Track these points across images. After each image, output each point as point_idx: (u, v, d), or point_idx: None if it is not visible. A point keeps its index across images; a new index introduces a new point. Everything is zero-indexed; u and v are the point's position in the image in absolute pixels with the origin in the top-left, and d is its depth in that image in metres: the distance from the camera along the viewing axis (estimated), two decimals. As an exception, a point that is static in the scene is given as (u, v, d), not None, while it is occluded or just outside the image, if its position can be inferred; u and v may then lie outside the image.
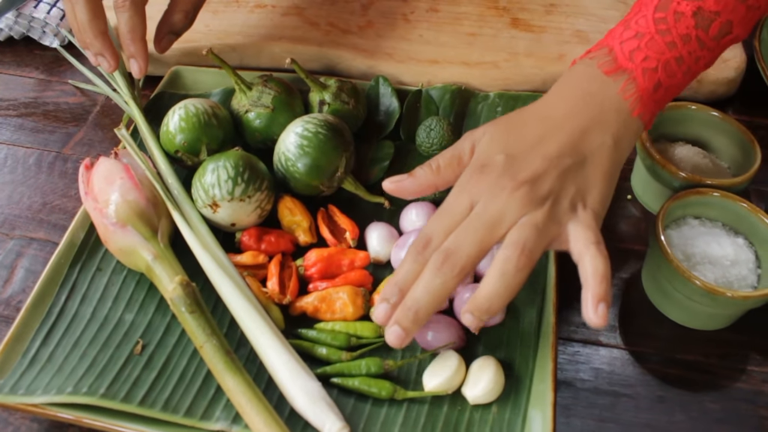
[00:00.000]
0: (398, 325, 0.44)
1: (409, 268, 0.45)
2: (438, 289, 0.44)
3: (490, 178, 0.45)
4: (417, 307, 0.44)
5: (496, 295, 0.43)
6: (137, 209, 0.52)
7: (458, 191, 0.47)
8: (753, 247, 0.55)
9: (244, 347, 0.50)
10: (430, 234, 0.45)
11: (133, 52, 0.59)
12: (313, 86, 0.61)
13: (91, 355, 0.49)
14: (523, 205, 0.44)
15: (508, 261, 0.43)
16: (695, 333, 0.54)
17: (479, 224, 0.44)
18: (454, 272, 0.43)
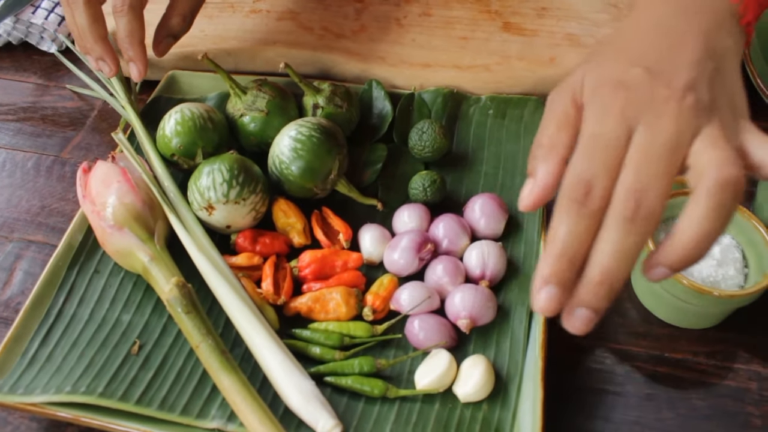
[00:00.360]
0: (587, 307, 0.35)
1: (574, 228, 0.35)
2: (633, 249, 0.35)
3: (641, 91, 0.37)
4: (611, 279, 0.34)
5: (709, 234, 0.34)
6: (134, 212, 0.53)
7: (602, 115, 0.37)
8: (740, 247, 0.56)
9: (239, 347, 0.50)
10: (588, 176, 0.35)
11: (132, 56, 0.60)
12: (307, 90, 0.61)
13: (89, 355, 0.50)
14: (698, 116, 0.36)
15: (726, 187, 0.34)
16: (684, 332, 0.55)
17: (661, 150, 0.35)
18: (651, 221, 0.35)
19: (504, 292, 0.54)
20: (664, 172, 0.36)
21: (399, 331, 0.51)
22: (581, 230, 0.35)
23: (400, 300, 0.51)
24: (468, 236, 0.56)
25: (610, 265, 0.35)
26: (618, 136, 0.36)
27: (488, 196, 0.57)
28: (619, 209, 0.35)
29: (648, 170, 0.35)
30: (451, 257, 0.54)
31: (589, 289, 0.35)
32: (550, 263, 0.35)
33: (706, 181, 0.35)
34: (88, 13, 0.57)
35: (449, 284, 0.52)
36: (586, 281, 0.35)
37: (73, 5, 0.57)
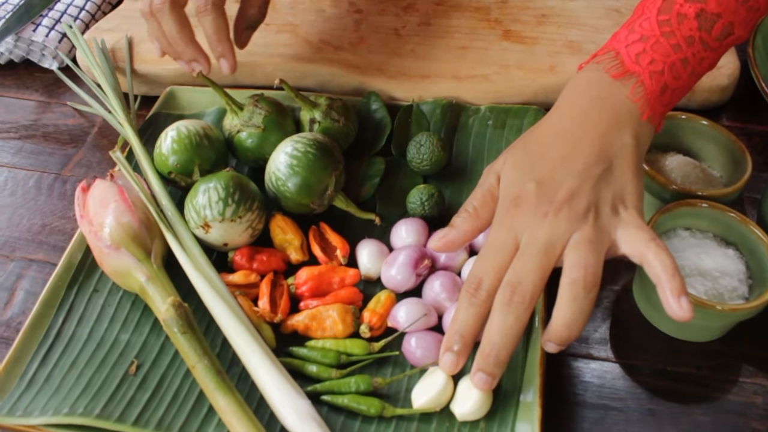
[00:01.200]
0: (482, 372, 0.45)
1: (466, 312, 0.46)
2: (513, 326, 0.44)
3: (527, 208, 0.46)
4: (497, 351, 0.44)
5: (573, 320, 0.44)
6: (130, 232, 0.53)
7: (497, 228, 0.47)
8: (744, 258, 0.55)
9: (237, 366, 0.50)
10: (480, 274, 0.46)
11: (221, 52, 0.62)
12: (303, 105, 0.61)
13: (87, 376, 0.50)
14: (569, 224, 0.45)
15: (576, 283, 0.43)
16: (686, 345, 0.54)
17: (534, 252, 0.45)
18: (524, 304, 0.44)
19: (502, 308, 0.53)
20: (535, 267, 0.44)
21: (396, 349, 0.51)
22: (471, 314, 0.46)
23: (397, 317, 0.51)
24: (466, 251, 0.55)
25: (495, 339, 0.44)
26: (508, 245, 0.46)
27: (486, 210, 0.56)
28: (499, 297, 0.45)
29: (523, 267, 0.45)
30: (449, 273, 0.54)
31: (480, 358, 0.45)
32: (449, 337, 0.46)
33: (564, 277, 0.44)
34: (175, 19, 0.59)
35: (447, 300, 0.52)
36: (479, 352, 0.45)
37: (159, 14, 0.59)
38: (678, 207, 0.55)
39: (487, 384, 0.45)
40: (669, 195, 0.57)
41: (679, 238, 0.56)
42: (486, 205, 0.49)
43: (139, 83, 0.72)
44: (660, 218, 0.54)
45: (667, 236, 0.56)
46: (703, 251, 0.54)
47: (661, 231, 0.56)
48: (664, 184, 0.57)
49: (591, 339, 0.55)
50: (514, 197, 0.47)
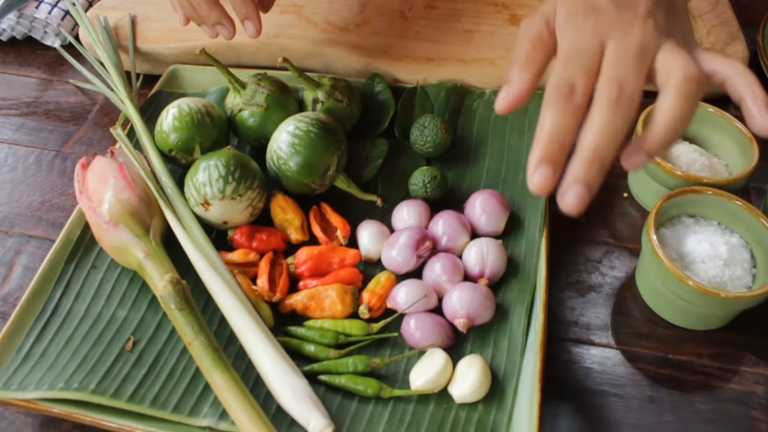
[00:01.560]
0: (581, 183, 0.38)
1: (560, 119, 0.40)
2: (620, 128, 0.39)
3: (610, 16, 0.43)
4: (603, 155, 0.39)
5: (682, 118, 0.40)
6: (129, 208, 0.53)
7: (578, 35, 0.43)
8: (748, 246, 0.54)
9: (234, 344, 0.50)
10: (571, 79, 0.41)
11: (245, 14, 0.61)
12: (307, 85, 0.61)
13: (83, 352, 0.49)
14: (658, 34, 0.43)
15: (690, 80, 0.40)
16: (689, 333, 0.54)
17: (631, 55, 0.41)
18: (633, 105, 0.40)
19: (503, 291, 0.53)
20: (637, 70, 0.41)
21: (395, 330, 0.51)
22: (567, 121, 0.40)
23: (397, 298, 0.51)
24: (468, 234, 0.55)
25: (600, 142, 0.39)
26: (593, 48, 0.42)
27: (489, 193, 0.56)
28: (605, 94, 0.40)
29: (624, 67, 0.41)
30: (450, 255, 0.53)
31: (582, 165, 0.39)
32: (541, 148, 0.40)
33: (674, 77, 0.40)
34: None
35: (447, 282, 0.51)
36: (580, 158, 0.39)
37: None
38: (682, 194, 0.54)
39: (583, 199, 0.39)
40: (674, 182, 0.56)
41: (683, 225, 0.55)
42: (538, 48, 0.44)
43: (141, 62, 0.72)
44: (664, 205, 0.54)
45: (671, 223, 0.55)
46: (706, 239, 0.53)
47: (665, 218, 0.55)
48: (670, 171, 0.56)
49: (592, 325, 0.54)
50: (589, 8, 0.43)
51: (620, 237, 0.60)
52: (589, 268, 0.58)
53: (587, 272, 0.57)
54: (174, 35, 0.71)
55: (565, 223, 0.60)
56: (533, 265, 0.53)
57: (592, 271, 0.58)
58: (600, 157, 0.39)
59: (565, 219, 0.60)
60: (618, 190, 0.63)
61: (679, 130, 0.41)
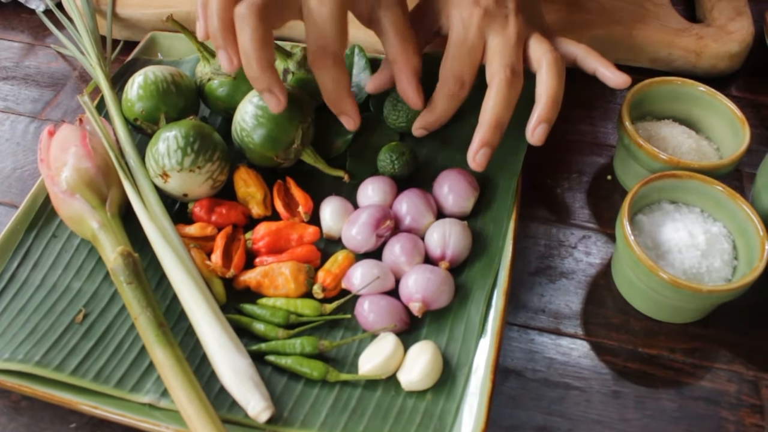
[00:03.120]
0: (489, 146, 0.51)
1: (448, 107, 0.53)
2: (514, 100, 0.51)
3: (490, 11, 0.52)
4: (501, 122, 0.51)
5: (561, 89, 0.51)
6: (86, 178, 0.52)
7: (466, 29, 0.52)
8: (731, 236, 0.51)
9: (185, 320, 0.49)
10: (460, 74, 0.52)
11: (343, 110, 0.52)
12: (277, 54, 0.59)
13: (34, 322, 0.49)
14: (525, 25, 0.53)
15: (558, 61, 0.52)
16: (662, 325, 0.51)
17: (512, 44, 0.52)
18: (520, 82, 0.51)
19: (465, 274, 0.50)
20: (518, 55, 0.52)
21: (350, 312, 0.49)
22: (454, 107, 0.54)
23: (352, 279, 0.49)
24: (433, 214, 0.52)
25: (500, 113, 0.51)
26: (478, 43, 0.52)
27: (458, 172, 0.53)
28: (501, 76, 0.51)
29: (509, 54, 0.52)
30: (411, 235, 0.51)
31: (489, 131, 0.51)
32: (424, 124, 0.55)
33: (545, 61, 0.52)
34: (255, 36, 0.46)
35: (405, 264, 0.49)
36: (485, 127, 0.51)
37: (240, 25, 0.46)
38: (662, 179, 0.51)
39: (488, 159, 0.51)
40: (658, 166, 0.53)
41: (662, 212, 0.52)
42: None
43: (121, 28, 0.70)
44: (643, 189, 0.51)
45: (650, 209, 0.52)
46: (684, 227, 0.50)
47: (643, 203, 0.52)
48: (653, 154, 0.53)
49: (560, 313, 0.52)
50: (474, 2, 0.52)
51: (599, 221, 0.57)
52: (562, 253, 0.55)
53: (560, 257, 0.55)
54: (153, 1, 0.69)
55: (540, 204, 0.58)
56: (499, 248, 0.51)
57: (565, 256, 0.55)
58: (500, 124, 0.51)
59: (541, 200, 0.58)
60: (601, 171, 0.60)
61: (561, 100, 0.51)
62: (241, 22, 0.46)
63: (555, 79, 0.51)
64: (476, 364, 0.46)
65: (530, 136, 0.51)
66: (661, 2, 0.68)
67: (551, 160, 0.61)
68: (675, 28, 0.65)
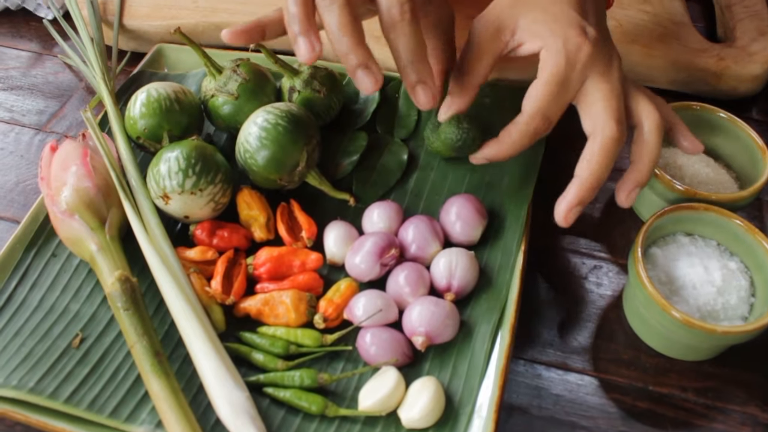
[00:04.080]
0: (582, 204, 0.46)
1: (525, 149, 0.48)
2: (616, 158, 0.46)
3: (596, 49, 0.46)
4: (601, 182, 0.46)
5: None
6: (86, 198, 0.51)
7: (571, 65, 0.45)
8: (748, 272, 0.49)
9: (182, 348, 0.48)
10: (549, 112, 0.46)
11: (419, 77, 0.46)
12: (284, 72, 0.57)
13: (29, 346, 0.48)
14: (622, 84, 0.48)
15: (662, 126, 0.47)
16: (674, 363, 0.49)
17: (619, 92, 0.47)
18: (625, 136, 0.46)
19: (470, 307, 0.49)
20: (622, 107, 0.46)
21: (351, 343, 0.48)
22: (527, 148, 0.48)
23: (354, 309, 0.47)
24: (439, 242, 0.51)
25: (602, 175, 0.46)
26: (579, 82, 0.46)
27: (466, 199, 0.52)
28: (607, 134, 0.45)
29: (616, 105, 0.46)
30: (417, 265, 0.50)
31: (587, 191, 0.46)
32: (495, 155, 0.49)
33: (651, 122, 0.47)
34: (345, 11, 0.42)
35: (410, 295, 0.48)
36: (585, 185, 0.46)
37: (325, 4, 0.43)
38: (678, 210, 0.49)
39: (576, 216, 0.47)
40: (673, 196, 0.51)
41: (677, 245, 0.50)
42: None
43: (128, 39, 0.69)
44: (657, 222, 0.49)
45: (665, 241, 0.51)
46: (701, 262, 0.48)
47: (658, 235, 0.50)
48: (668, 184, 0.51)
49: (569, 347, 0.50)
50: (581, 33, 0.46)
51: (612, 250, 0.55)
52: (573, 284, 0.53)
53: (571, 288, 0.53)
54: (160, 12, 0.68)
55: (551, 231, 0.56)
56: (506, 280, 0.49)
57: (576, 287, 0.53)
58: (599, 185, 0.46)
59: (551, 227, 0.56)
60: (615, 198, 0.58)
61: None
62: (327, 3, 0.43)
63: (657, 147, 0.47)
64: (479, 402, 0.44)
65: (623, 199, 0.47)
66: (682, 20, 0.66)
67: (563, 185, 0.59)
68: (695, 48, 0.63)
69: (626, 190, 0.47)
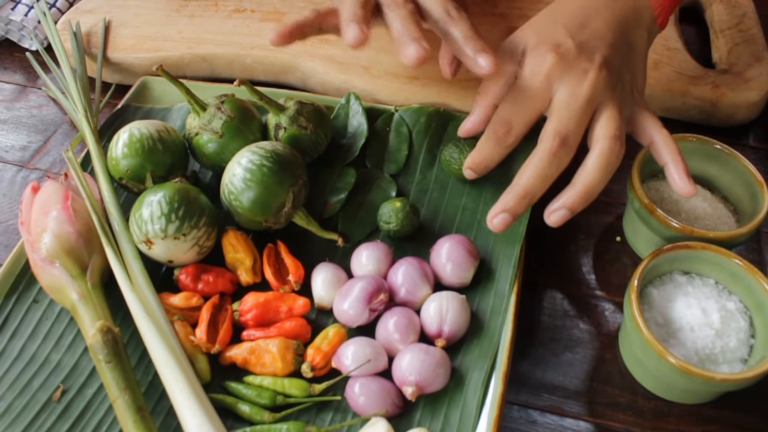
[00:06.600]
0: (509, 213, 0.46)
1: (493, 152, 0.48)
2: (552, 175, 0.46)
3: (567, 61, 0.47)
4: (532, 195, 0.46)
5: (599, 183, 0.46)
6: (67, 245, 0.50)
7: (534, 74, 0.48)
8: (747, 312, 0.48)
9: (168, 399, 0.46)
10: (510, 118, 0.48)
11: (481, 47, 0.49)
12: (270, 108, 0.56)
13: (8, 400, 0.47)
14: (606, 87, 0.47)
15: (612, 151, 0.46)
16: (673, 406, 0.48)
17: (578, 106, 0.46)
18: (569, 155, 0.46)
19: (462, 354, 0.48)
20: (579, 122, 0.47)
21: (340, 393, 0.46)
22: (497, 154, 0.49)
23: (342, 358, 0.46)
24: (429, 285, 0.49)
25: (532, 183, 0.46)
26: (543, 91, 0.47)
27: (457, 240, 0.51)
28: (546, 146, 0.46)
29: (569, 119, 0.46)
30: (407, 310, 0.48)
31: (513, 198, 0.46)
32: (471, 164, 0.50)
33: (601, 145, 0.46)
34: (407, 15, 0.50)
35: (399, 342, 0.47)
36: (512, 192, 0.46)
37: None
38: (675, 250, 0.48)
39: (507, 225, 0.47)
40: (669, 233, 0.50)
41: (674, 284, 0.49)
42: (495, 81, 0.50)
43: (112, 71, 0.68)
44: (653, 262, 0.48)
45: (662, 281, 0.49)
46: (698, 303, 0.47)
47: (655, 274, 0.49)
48: (664, 221, 0.50)
49: (563, 391, 0.49)
50: (553, 44, 0.48)
51: (607, 288, 0.54)
52: (567, 324, 0.52)
53: (565, 328, 0.52)
54: (145, 44, 0.67)
55: (545, 270, 0.55)
56: (499, 325, 0.48)
57: (570, 327, 0.52)
58: (529, 195, 0.46)
59: (546, 265, 0.55)
60: (610, 232, 0.57)
61: (597, 192, 0.46)
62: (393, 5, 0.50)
63: (599, 172, 0.46)
64: (472, 455, 0.43)
65: (547, 216, 0.47)
66: (676, 46, 0.64)
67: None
68: (690, 76, 0.62)
69: (552, 208, 0.47)
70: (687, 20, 0.73)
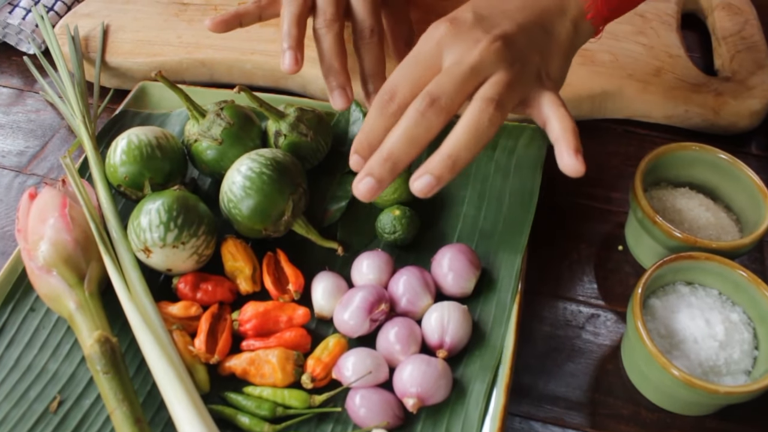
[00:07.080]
0: (372, 176, 0.43)
1: (375, 123, 0.45)
2: (421, 136, 0.43)
3: (460, 29, 0.46)
4: (396, 158, 0.43)
5: (465, 146, 0.43)
6: (64, 253, 0.49)
7: (425, 41, 0.47)
8: (751, 324, 0.47)
9: (166, 410, 0.46)
10: (396, 84, 0.45)
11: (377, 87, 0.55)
12: (270, 115, 0.56)
13: (5, 410, 0.46)
14: (498, 60, 0.45)
15: (483, 112, 0.43)
16: (676, 417, 0.47)
17: (460, 72, 0.44)
18: (440, 117, 0.43)
19: (464, 365, 0.47)
20: (458, 87, 0.44)
21: (340, 404, 0.46)
22: (381, 125, 0.45)
23: (343, 369, 0.46)
24: (431, 295, 0.49)
25: (397, 146, 0.43)
26: (430, 57, 0.46)
27: (458, 249, 0.50)
28: (414, 105, 0.44)
29: (446, 83, 0.44)
30: (408, 320, 0.48)
31: (376, 161, 0.43)
32: (356, 141, 0.46)
33: (473, 108, 0.43)
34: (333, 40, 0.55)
35: (400, 353, 0.46)
36: (376, 155, 0.44)
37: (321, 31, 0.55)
38: (678, 260, 0.48)
39: (371, 191, 0.43)
40: (672, 243, 0.50)
41: (677, 295, 0.48)
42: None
43: (111, 76, 0.68)
44: (656, 272, 0.47)
45: (665, 291, 0.49)
46: (701, 314, 0.47)
47: (658, 285, 0.49)
48: (667, 231, 0.49)
49: (566, 402, 0.48)
50: (450, 18, 0.47)
51: (609, 298, 0.54)
52: (569, 334, 0.52)
53: (567, 338, 0.51)
54: (143, 49, 0.66)
55: (547, 279, 0.55)
56: (501, 335, 0.48)
57: (572, 337, 0.52)
58: (393, 158, 0.43)
59: (548, 275, 0.55)
60: (613, 241, 0.57)
61: (464, 157, 0.43)
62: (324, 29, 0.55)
63: (465, 134, 0.43)
64: (474, 468, 0.43)
65: (411, 183, 0.43)
66: (678, 53, 0.64)
67: (559, 228, 0.58)
68: (692, 83, 0.61)
69: (414, 176, 0.43)
70: (689, 27, 0.72)
